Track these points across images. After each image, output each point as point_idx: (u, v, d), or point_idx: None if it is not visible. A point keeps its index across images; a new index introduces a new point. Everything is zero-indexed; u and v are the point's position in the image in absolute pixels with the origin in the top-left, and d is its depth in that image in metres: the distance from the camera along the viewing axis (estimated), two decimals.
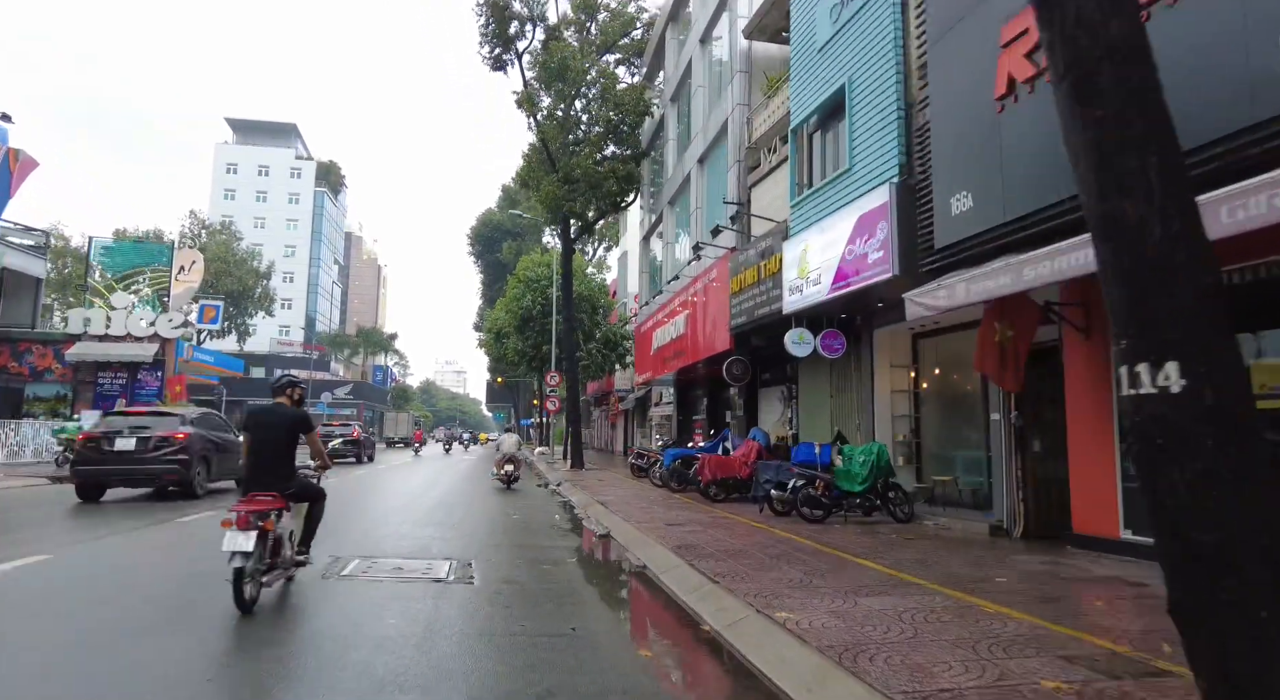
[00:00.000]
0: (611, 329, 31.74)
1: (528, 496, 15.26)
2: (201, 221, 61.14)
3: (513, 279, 32.19)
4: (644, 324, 22.90)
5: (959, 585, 5.75)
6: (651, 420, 33.27)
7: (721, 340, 14.53)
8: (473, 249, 67.90)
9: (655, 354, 20.66)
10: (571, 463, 22.81)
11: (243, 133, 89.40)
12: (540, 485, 18.64)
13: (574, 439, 23.23)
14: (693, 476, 13.69)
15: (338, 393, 67.69)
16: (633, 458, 19.71)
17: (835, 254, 9.94)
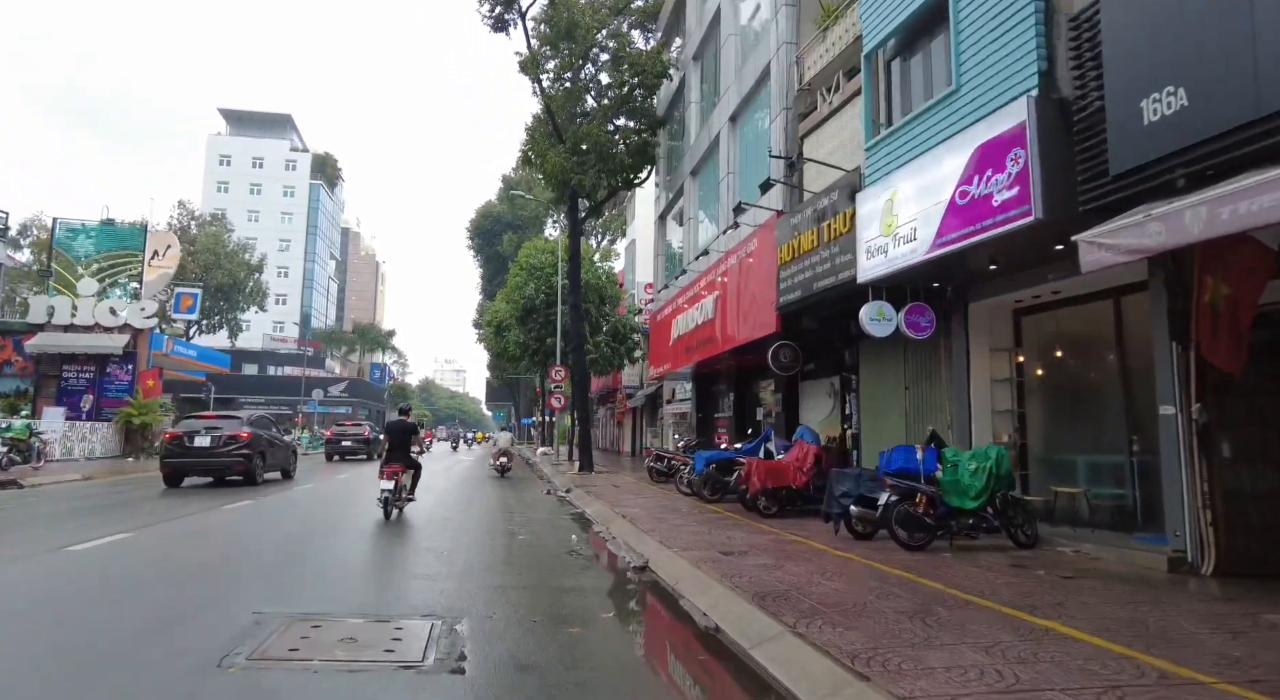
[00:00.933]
0: (620, 320, 29.46)
1: (533, 507, 12.99)
2: (191, 212, 58.81)
3: (514, 267, 29.90)
4: (661, 311, 20.62)
5: (1226, 669, 3.48)
6: (662, 419, 30.99)
7: (764, 322, 12.24)
8: (472, 242, 65.58)
9: (675, 344, 18.38)
10: (580, 465, 20.52)
11: (236, 124, 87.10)
12: (547, 492, 16.38)
13: (583, 438, 20.94)
14: (733, 485, 11.41)
15: (331, 390, 65.35)
16: (650, 460, 17.44)
17: (939, 200, 7.65)
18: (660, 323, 20.51)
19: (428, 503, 12.81)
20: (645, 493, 14.29)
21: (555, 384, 26.47)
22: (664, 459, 16.97)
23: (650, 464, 17.14)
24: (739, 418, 17.62)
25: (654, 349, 21.30)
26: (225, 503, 11.90)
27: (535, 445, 50.75)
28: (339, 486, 16.36)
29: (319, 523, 10.31)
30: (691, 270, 17.91)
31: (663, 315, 20.20)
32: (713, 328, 15.35)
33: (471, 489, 16.39)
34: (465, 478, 19.79)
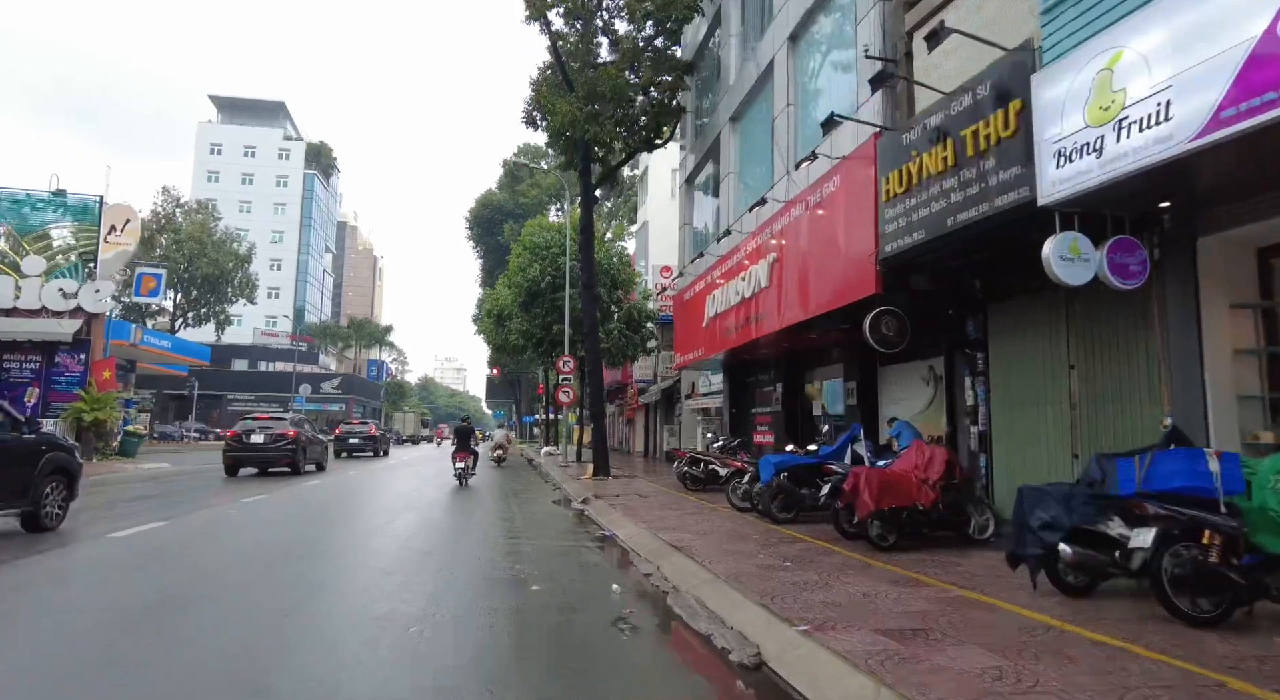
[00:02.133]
0: (634, 306, 26.46)
1: (544, 527, 9.99)
2: (176, 199, 55.78)
3: (516, 247, 26.90)
4: (688, 289, 17.60)
5: None
6: (680, 416, 28.00)
7: (854, 283, 9.21)
8: (471, 233, 62.64)
9: (710, 325, 15.37)
10: (595, 468, 17.52)
11: (228, 111, 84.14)
12: (558, 501, 13.37)
13: (597, 438, 17.93)
14: (821, 501, 8.40)
15: (324, 387, 62.43)
16: (683, 464, 14.44)
17: (1233, 43, 4.62)
18: (688, 303, 17.50)
19: (411, 520, 9.92)
20: (685, 507, 11.29)
21: (563, 376, 23.48)
22: (700, 462, 13.97)
23: (684, 469, 14.13)
24: (789, 413, 14.61)
25: (680, 334, 18.28)
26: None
27: (539, 445, 47.75)
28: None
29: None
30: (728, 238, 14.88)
31: (691, 294, 17.19)
32: (762, 301, 12.35)
33: (467, 500, 13.40)
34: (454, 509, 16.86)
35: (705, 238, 18.51)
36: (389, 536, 8.78)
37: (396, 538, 8.65)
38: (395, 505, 12.23)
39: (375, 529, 9.37)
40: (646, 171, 34.59)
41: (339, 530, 9.32)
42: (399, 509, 11.70)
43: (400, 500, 13.19)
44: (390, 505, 12.22)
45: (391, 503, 12.74)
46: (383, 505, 12.22)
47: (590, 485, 15.47)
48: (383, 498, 13.71)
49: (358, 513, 11.05)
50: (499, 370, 54.77)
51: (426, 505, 12.29)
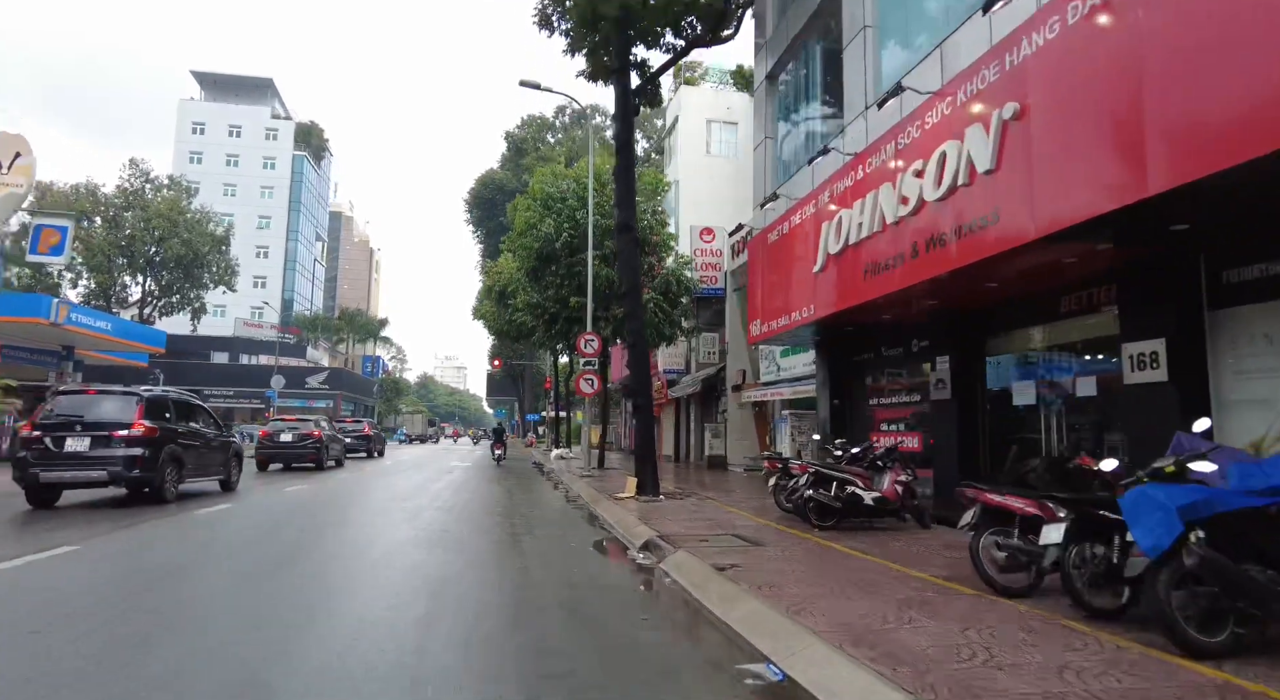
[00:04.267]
0: (672, 271, 21.13)
1: (606, 633, 4.64)
2: (145, 173, 50.47)
3: (523, 199, 21.53)
4: (776, 227, 12.21)
5: None
6: (724, 411, 22.71)
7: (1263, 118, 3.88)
8: (471, 215, 57.47)
9: (829, 269, 10.03)
10: (639, 484, 12.20)
11: (211, 88, 78.89)
12: (601, 544, 8.04)
13: (644, 443, 12.58)
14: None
15: (310, 381, 57.12)
16: (800, 486, 9.11)
17: None
18: (775, 248, 12.14)
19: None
20: (876, 580, 5.93)
21: (585, 360, 18.16)
22: (833, 483, 8.61)
23: (807, 492, 8.76)
24: (964, 404, 9.28)
25: (761, 294, 12.89)
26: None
27: (544, 445, 42.34)
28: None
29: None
30: (862, 126, 9.48)
31: (780, 232, 11.83)
32: (975, 200, 7.02)
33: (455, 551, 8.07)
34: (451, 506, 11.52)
35: (798, 154, 13.15)
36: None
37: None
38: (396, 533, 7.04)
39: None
40: (676, 125, 29.26)
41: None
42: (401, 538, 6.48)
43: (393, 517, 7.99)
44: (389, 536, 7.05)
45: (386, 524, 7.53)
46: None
47: (640, 512, 10.15)
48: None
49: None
50: (500, 362, 49.40)
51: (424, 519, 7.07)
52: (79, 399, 10.77)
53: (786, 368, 16.57)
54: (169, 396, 11.54)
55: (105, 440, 9.97)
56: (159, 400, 11.03)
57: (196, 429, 11.80)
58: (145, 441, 10.13)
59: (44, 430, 9.96)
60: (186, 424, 11.52)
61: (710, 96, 29.23)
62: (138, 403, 10.40)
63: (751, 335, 13.27)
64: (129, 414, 10.22)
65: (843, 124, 10.88)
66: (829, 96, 12.00)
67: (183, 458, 10.95)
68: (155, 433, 10.35)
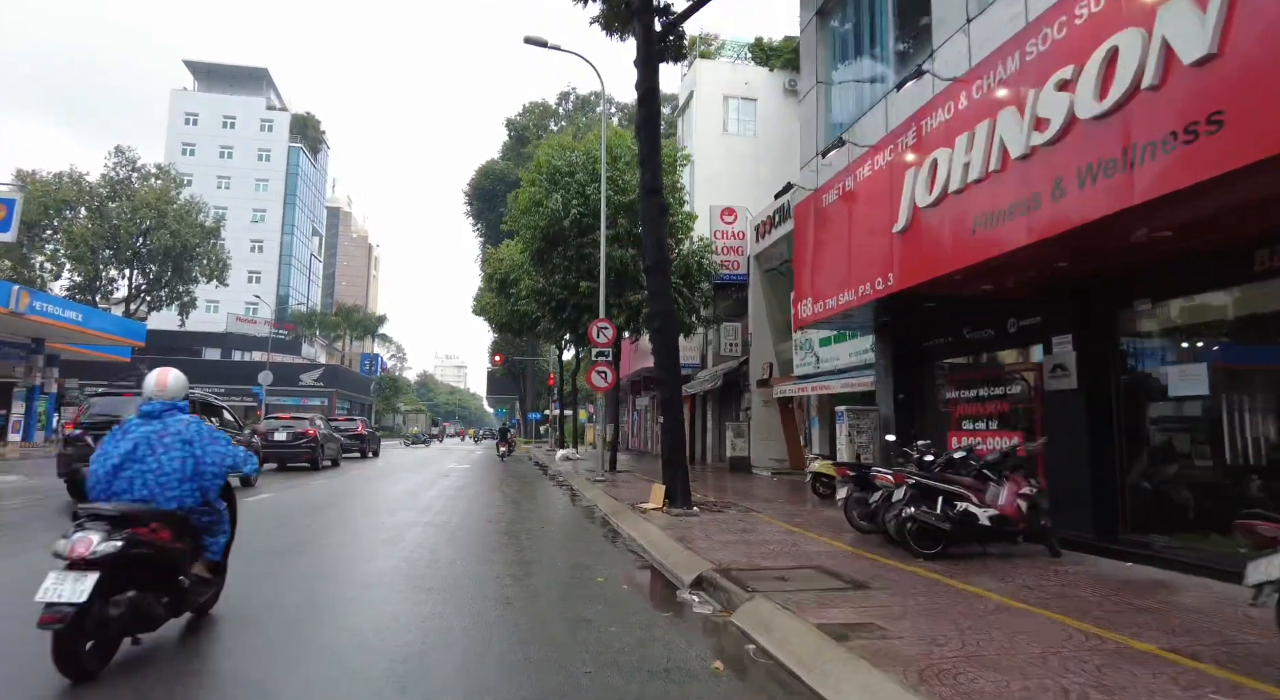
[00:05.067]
0: (696, 251, 19.13)
1: None
2: (132, 161, 48.45)
3: (528, 173, 19.48)
4: (833, 185, 10.15)
5: None
6: (748, 408, 20.68)
7: None
8: (471, 207, 55.46)
9: (914, 229, 8.02)
10: (668, 492, 10.20)
11: (205, 78, 76.92)
12: (637, 578, 6.02)
13: (673, 445, 10.56)
14: None
15: (304, 378, 55.10)
16: (854, 491, 7.16)
17: None
18: (835, 208, 10.10)
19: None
20: (1106, 662, 3.89)
21: (598, 350, 16.15)
22: (934, 496, 6.62)
23: (907, 511, 6.74)
24: (1094, 394, 7.27)
25: (811, 267, 10.85)
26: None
27: (547, 445, 40.30)
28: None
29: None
30: (951, 53, 7.46)
31: (847, 186, 9.79)
32: (1160, 109, 5.01)
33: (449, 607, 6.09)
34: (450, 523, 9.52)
35: (861, 97, 11.13)
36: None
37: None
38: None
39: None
40: (690, 101, 27.23)
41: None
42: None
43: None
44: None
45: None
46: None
47: (674, 529, 8.15)
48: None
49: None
50: (501, 358, 47.37)
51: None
52: (116, 400, 11.56)
53: (829, 358, 14.56)
54: (196, 398, 11.92)
55: None
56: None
57: (220, 429, 12.44)
58: None
59: (85, 428, 10.66)
60: (210, 424, 11.75)
61: (727, 71, 27.21)
62: None
63: (799, 319, 11.23)
64: None
65: (932, 47, 8.85)
66: (905, 20, 9.95)
67: None
68: None
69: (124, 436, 4.02)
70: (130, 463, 3.92)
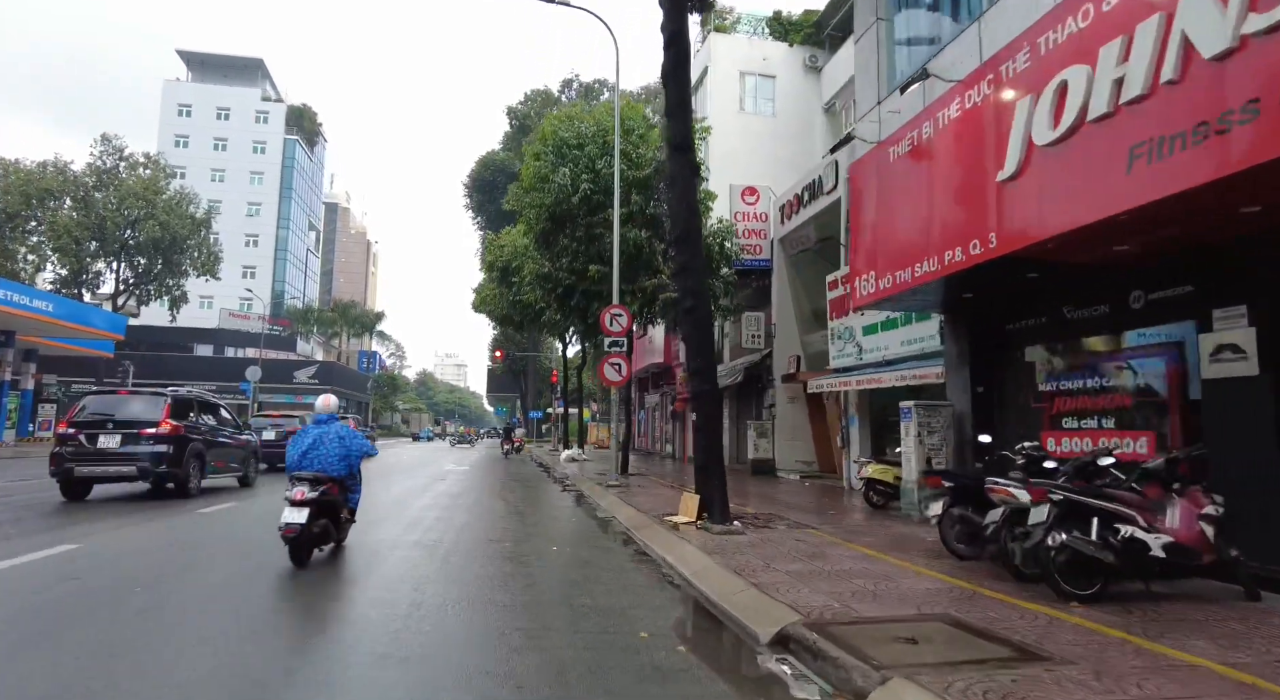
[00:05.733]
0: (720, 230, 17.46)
1: None
2: (119, 150, 46.67)
3: (532, 146, 17.72)
4: (908, 133, 8.41)
5: None
6: (772, 406, 18.97)
7: None
8: (470, 199, 53.66)
9: (1042, 166, 6.30)
10: (702, 505, 8.52)
11: (198, 69, 75.19)
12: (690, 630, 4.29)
13: (708, 449, 8.87)
14: None
15: (298, 375, 53.42)
16: (951, 505, 5.52)
17: None
18: (908, 160, 8.38)
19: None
20: None
21: (612, 340, 14.47)
22: (1088, 515, 4.91)
23: (1061, 538, 5.03)
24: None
25: (873, 235, 9.12)
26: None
27: (550, 445, 38.56)
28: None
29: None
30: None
31: (923, 134, 8.07)
32: None
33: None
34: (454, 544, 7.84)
35: (937, 27, 9.41)
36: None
37: None
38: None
39: None
40: (705, 77, 25.49)
41: None
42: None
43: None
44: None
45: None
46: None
47: (720, 553, 6.46)
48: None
49: None
50: (502, 354, 45.65)
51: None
52: (110, 399, 11.44)
53: (875, 348, 12.84)
54: (193, 396, 12.03)
55: (134, 437, 10.55)
56: (184, 400, 11.53)
57: (218, 427, 12.41)
58: (172, 439, 10.73)
59: (78, 428, 10.49)
60: (209, 423, 12.13)
61: (744, 46, 25.47)
62: (165, 402, 10.91)
63: (856, 298, 9.52)
64: (157, 413, 10.78)
65: None
66: None
67: (205, 455, 11.56)
68: (181, 431, 10.95)
69: (306, 435, 6.61)
70: (311, 450, 6.45)
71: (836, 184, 15.37)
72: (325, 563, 6.38)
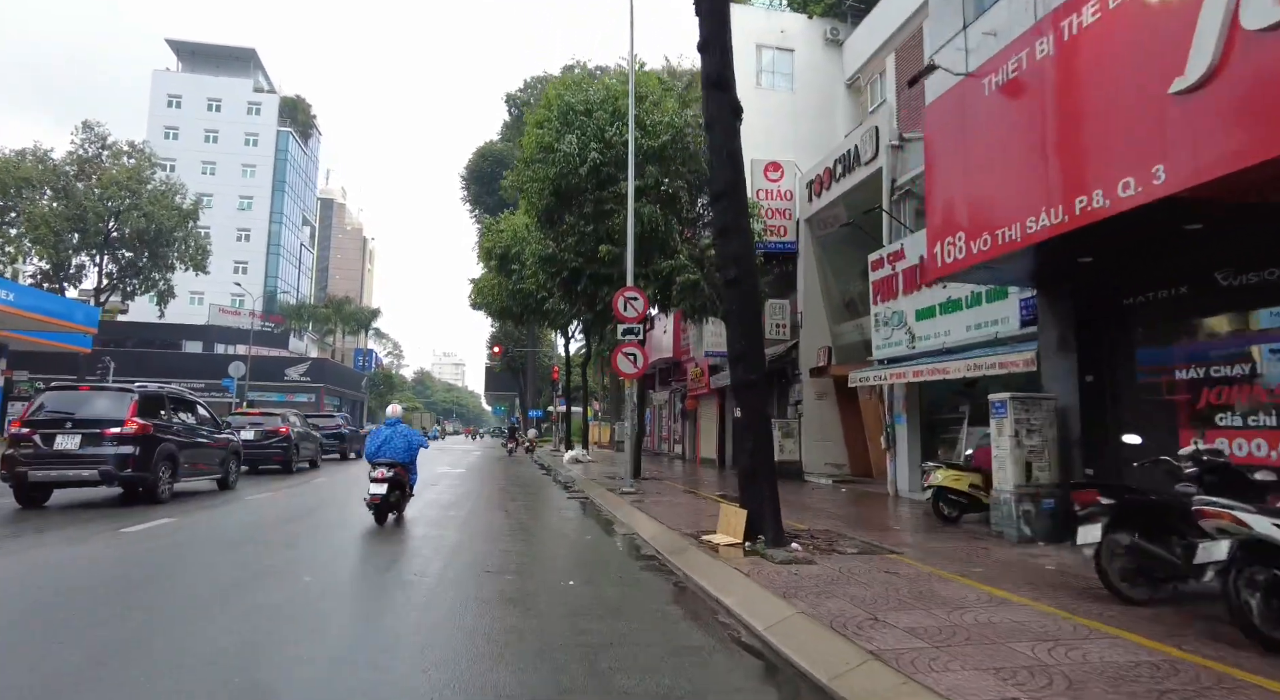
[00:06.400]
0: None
1: None
2: (102, 138, 44.83)
3: (535, 114, 15.92)
4: (1016, 53, 6.68)
5: None
6: (798, 403, 17.24)
7: None
8: (467, 191, 51.83)
9: (1256, 59, 4.54)
10: (752, 520, 6.78)
11: (189, 59, 73.27)
12: None
13: (756, 443, 7.15)
14: None
15: (289, 373, 51.61)
16: (1113, 531, 3.82)
17: None
18: (1015, 89, 6.64)
19: None
20: None
21: (625, 327, 12.77)
22: None
23: None
24: None
25: (964, 187, 7.41)
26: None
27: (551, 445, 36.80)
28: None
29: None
30: None
31: (1038, 51, 6.33)
32: None
33: None
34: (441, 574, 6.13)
35: None
36: None
37: None
38: None
39: None
40: None
41: None
42: None
43: None
44: None
45: None
46: None
47: (801, 591, 4.68)
48: None
49: None
50: (500, 350, 43.89)
51: None
52: (70, 395, 10.51)
53: (932, 334, 11.11)
54: (165, 392, 11.21)
55: (96, 438, 9.59)
56: (154, 397, 10.67)
57: (193, 427, 11.55)
58: (138, 439, 9.79)
59: (33, 427, 9.59)
60: (182, 421, 11.25)
61: (761, 18, 23.76)
62: (131, 399, 9.97)
63: (935, 268, 7.77)
64: (122, 411, 9.86)
65: None
66: None
67: (178, 456, 10.63)
68: (149, 430, 10.02)
69: (380, 433, 9.06)
70: (385, 444, 8.85)
71: (877, 153, 13.65)
72: (257, 620, 4.63)
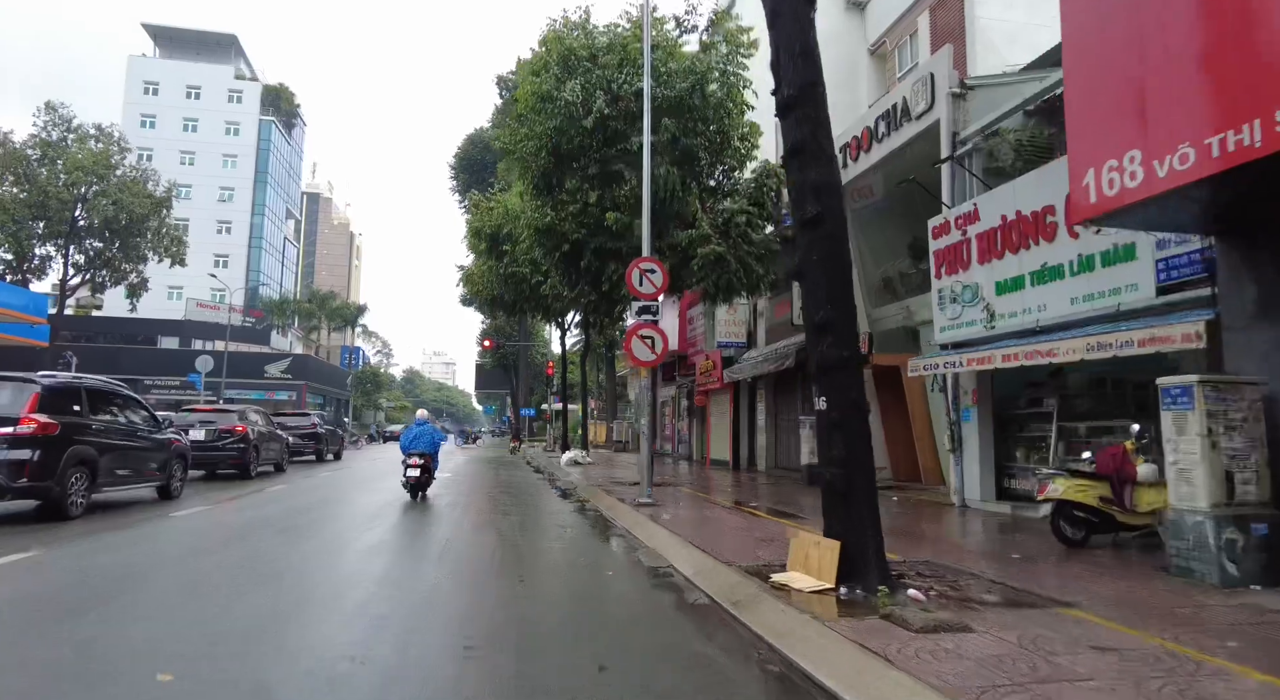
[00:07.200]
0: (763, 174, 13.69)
1: None
2: (66, 120, 42.26)
3: (530, 65, 13.77)
4: None
5: None
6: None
7: None
8: (456, 180, 49.47)
9: None
10: (847, 557, 4.72)
11: (167, 45, 70.52)
12: None
13: (851, 447, 5.14)
14: None
15: (269, 369, 49.23)
16: None
17: None
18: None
19: None
20: None
21: (642, 305, 10.69)
22: None
23: None
24: None
25: (1138, 95, 5.37)
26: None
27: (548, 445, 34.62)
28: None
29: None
30: None
31: None
32: None
33: None
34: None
35: None
36: None
37: None
38: None
39: None
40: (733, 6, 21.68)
41: None
42: None
43: None
44: None
45: None
46: None
47: (968, 695, 2.57)
48: None
49: None
50: (491, 343, 41.68)
51: None
52: None
53: (1019, 310, 9.07)
54: (82, 385, 9.62)
55: None
56: (65, 389, 9.02)
57: (120, 425, 9.98)
58: (39, 441, 8.17)
59: None
60: (106, 419, 9.69)
61: None
62: (32, 392, 8.37)
63: (1086, 204, 5.70)
64: (18, 407, 8.28)
65: None
66: None
67: (97, 461, 9.03)
68: (55, 430, 8.41)
69: (411, 431, 11.70)
70: (415, 440, 11.51)
71: (932, 103, 11.60)
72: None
